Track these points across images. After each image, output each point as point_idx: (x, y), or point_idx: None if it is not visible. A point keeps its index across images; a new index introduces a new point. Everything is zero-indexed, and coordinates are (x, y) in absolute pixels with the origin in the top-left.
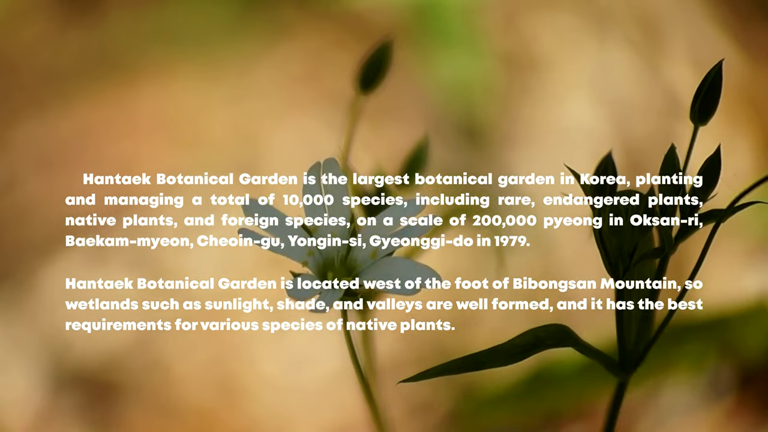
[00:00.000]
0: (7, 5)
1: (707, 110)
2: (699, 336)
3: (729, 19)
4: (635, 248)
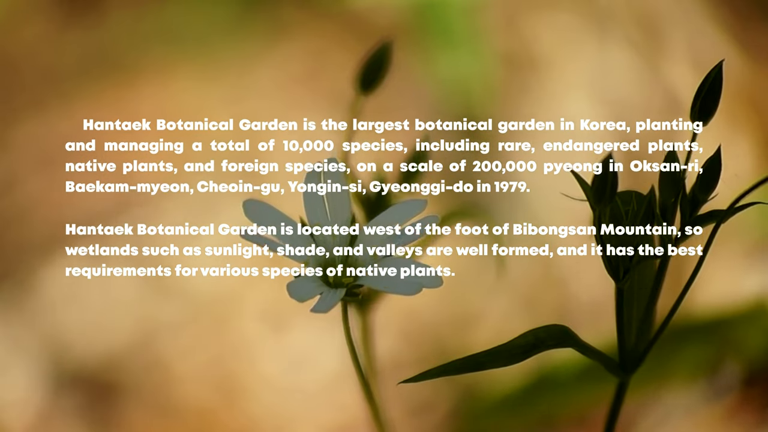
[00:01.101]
0: (7, 5)
1: (707, 110)
2: (699, 336)
3: (729, 19)
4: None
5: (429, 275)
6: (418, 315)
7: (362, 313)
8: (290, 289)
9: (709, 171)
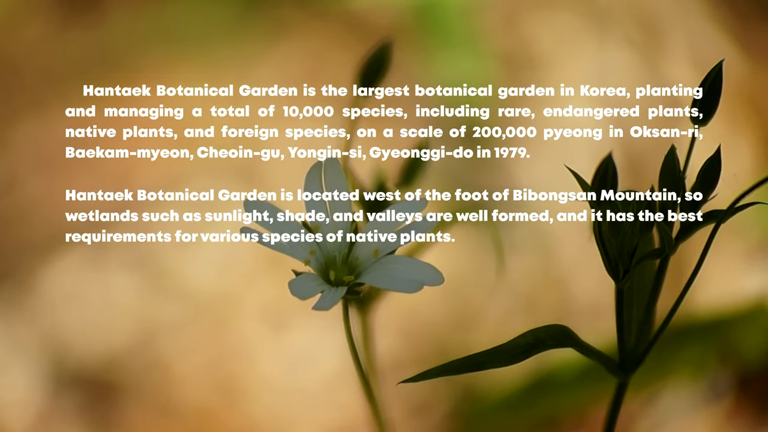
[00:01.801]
0: (7, 5)
1: (707, 110)
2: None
3: (729, 19)
4: (635, 249)
5: (430, 273)
6: (418, 315)
7: (362, 312)
8: (291, 287)
9: (708, 171)
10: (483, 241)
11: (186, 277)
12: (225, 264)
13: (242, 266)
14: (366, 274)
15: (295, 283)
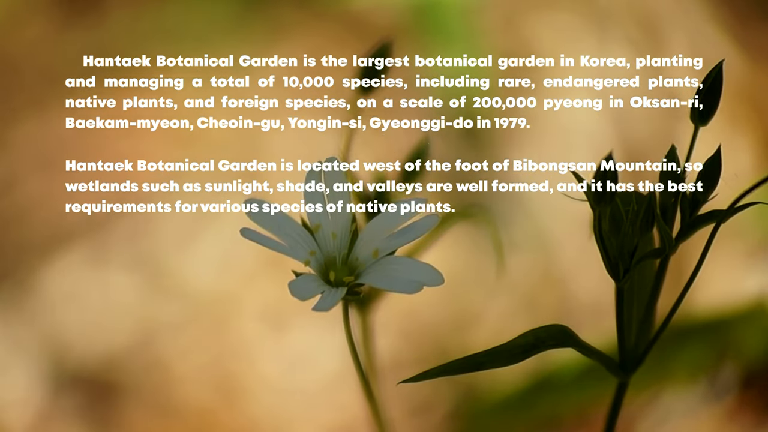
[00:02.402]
0: (7, 5)
1: (708, 110)
2: (699, 337)
3: (729, 19)
4: (635, 248)
5: (430, 273)
6: (418, 315)
7: (362, 312)
8: (292, 288)
9: (709, 171)
10: (483, 241)
11: (186, 277)
12: (225, 264)
13: (242, 266)
14: (366, 274)
15: (295, 283)
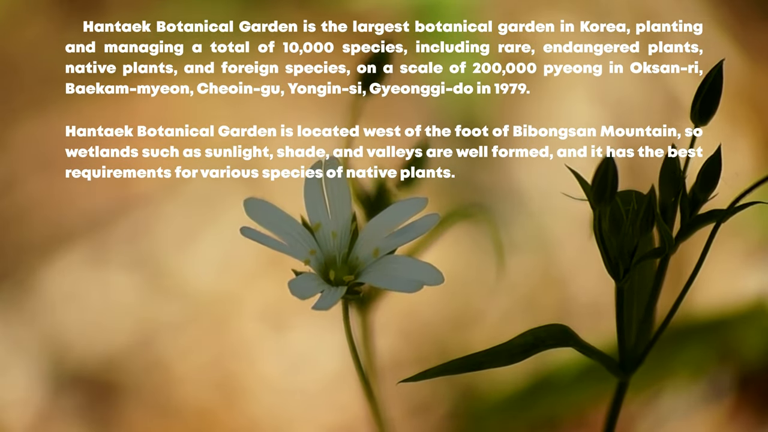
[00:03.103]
0: (7, 5)
1: (708, 110)
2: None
3: (729, 19)
4: (635, 248)
5: (430, 273)
6: (418, 315)
7: (362, 312)
8: (291, 287)
9: (709, 170)
10: (483, 241)
11: (186, 277)
12: (225, 264)
13: (242, 266)
14: (366, 273)
15: (295, 282)
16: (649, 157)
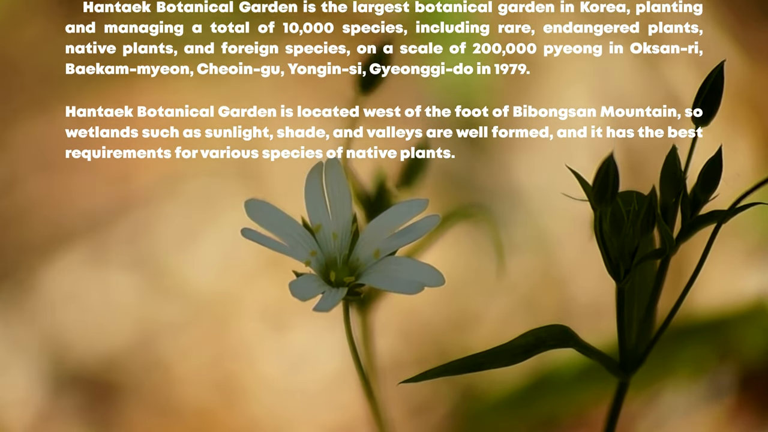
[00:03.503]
0: (7, 5)
1: (709, 111)
2: (699, 337)
3: (729, 19)
4: (636, 249)
5: (430, 274)
6: (418, 315)
7: (363, 312)
8: (292, 288)
9: (709, 171)
10: (483, 242)
11: (186, 277)
12: (225, 264)
13: (242, 266)
14: (366, 275)
15: (296, 284)
16: (650, 157)
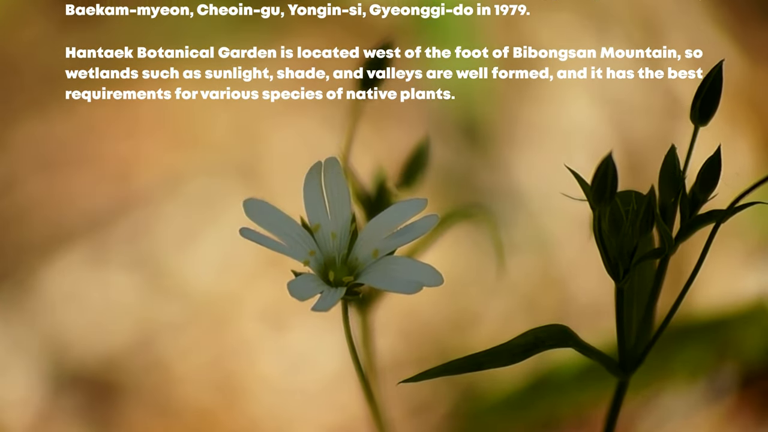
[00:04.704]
0: (7, 5)
1: (708, 111)
2: (699, 337)
3: (729, 19)
4: (635, 249)
5: (429, 273)
6: (418, 315)
7: (362, 312)
8: (291, 288)
9: (708, 171)
10: (483, 241)
11: (186, 277)
12: (225, 264)
13: (242, 266)
14: (365, 274)
15: (295, 283)
16: (649, 157)
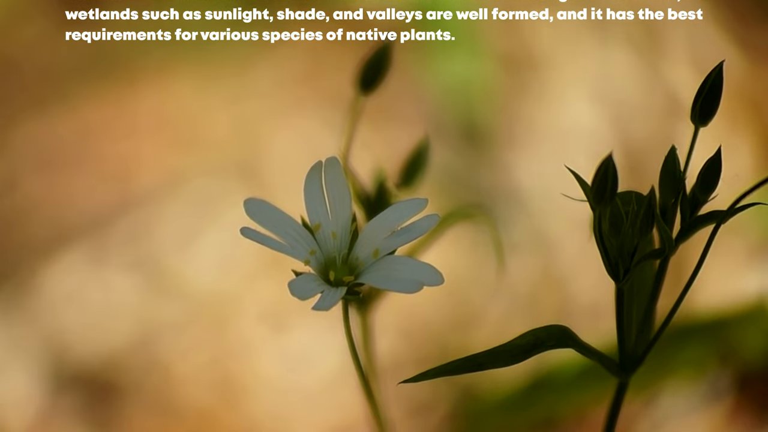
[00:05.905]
0: (7, 5)
1: (708, 111)
2: (699, 337)
3: (729, 19)
4: (635, 249)
5: (429, 273)
6: (418, 315)
7: (362, 312)
8: (291, 287)
9: (709, 171)
10: (483, 241)
11: (186, 277)
12: (225, 264)
13: (242, 266)
14: (366, 274)
15: (295, 283)
16: (650, 157)
